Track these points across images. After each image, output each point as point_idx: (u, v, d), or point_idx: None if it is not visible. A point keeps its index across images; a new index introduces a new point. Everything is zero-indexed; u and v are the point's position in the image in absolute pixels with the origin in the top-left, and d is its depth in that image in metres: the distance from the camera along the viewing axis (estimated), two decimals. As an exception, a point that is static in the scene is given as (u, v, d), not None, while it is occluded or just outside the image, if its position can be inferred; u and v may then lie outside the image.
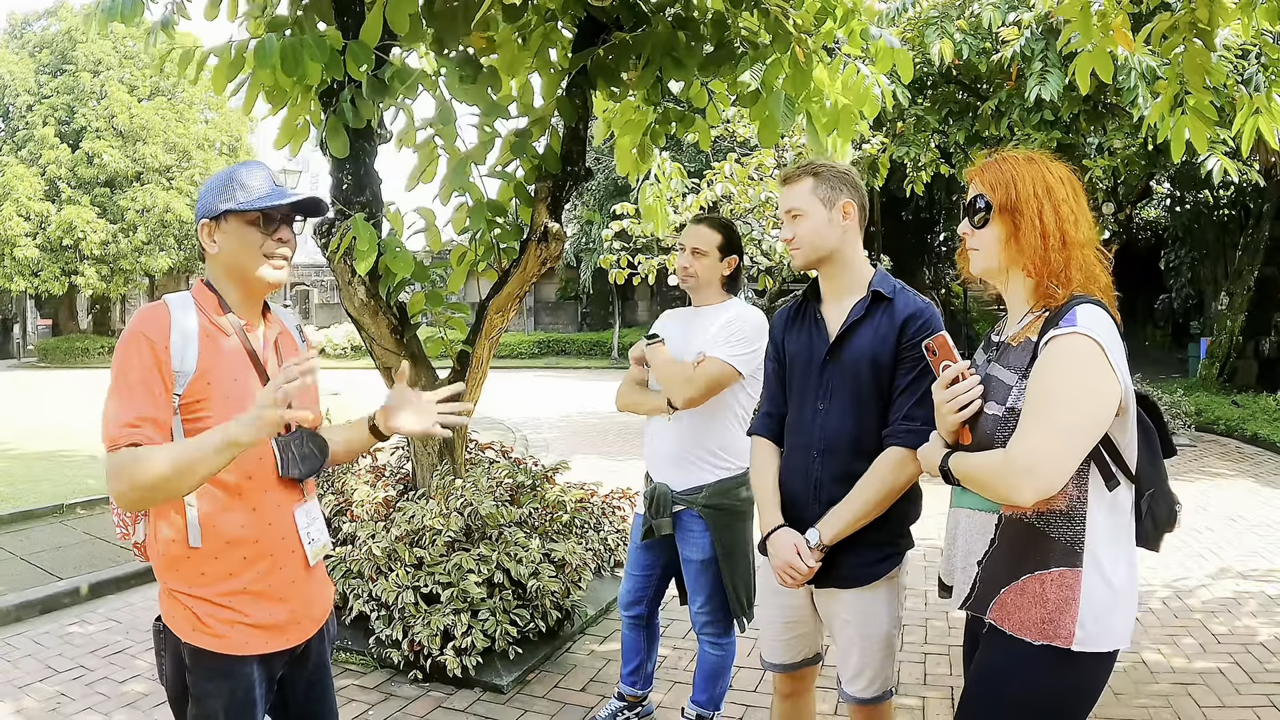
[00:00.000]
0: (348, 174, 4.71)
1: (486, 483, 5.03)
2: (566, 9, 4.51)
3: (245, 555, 2.24)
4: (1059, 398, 1.96)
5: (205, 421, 2.15)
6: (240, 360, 2.27)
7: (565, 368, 31.03)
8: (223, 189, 2.26)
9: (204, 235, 2.27)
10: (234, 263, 2.27)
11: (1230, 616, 5.56)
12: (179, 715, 2.28)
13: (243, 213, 2.24)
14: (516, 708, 4.34)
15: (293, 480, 2.33)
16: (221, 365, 2.22)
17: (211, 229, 2.26)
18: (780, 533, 2.79)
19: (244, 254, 2.26)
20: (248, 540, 2.23)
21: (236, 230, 2.25)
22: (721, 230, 3.78)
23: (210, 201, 2.26)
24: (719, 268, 3.77)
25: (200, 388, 2.16)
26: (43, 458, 11.03)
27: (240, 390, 2.23)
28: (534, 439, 13.49)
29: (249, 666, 2.24)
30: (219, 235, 2.26)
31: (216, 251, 2.27)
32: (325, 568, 2.55)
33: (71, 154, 32.49)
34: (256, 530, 2.25)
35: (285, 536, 2.31)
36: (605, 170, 26.42)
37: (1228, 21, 4.54)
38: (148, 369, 2.10)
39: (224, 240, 2.26)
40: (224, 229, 2.25)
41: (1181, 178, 19.14)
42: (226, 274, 2.30)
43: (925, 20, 10.95)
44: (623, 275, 12.51)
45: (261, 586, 2.26)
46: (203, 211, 2.27)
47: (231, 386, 2.22)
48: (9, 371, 31.53)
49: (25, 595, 5.83)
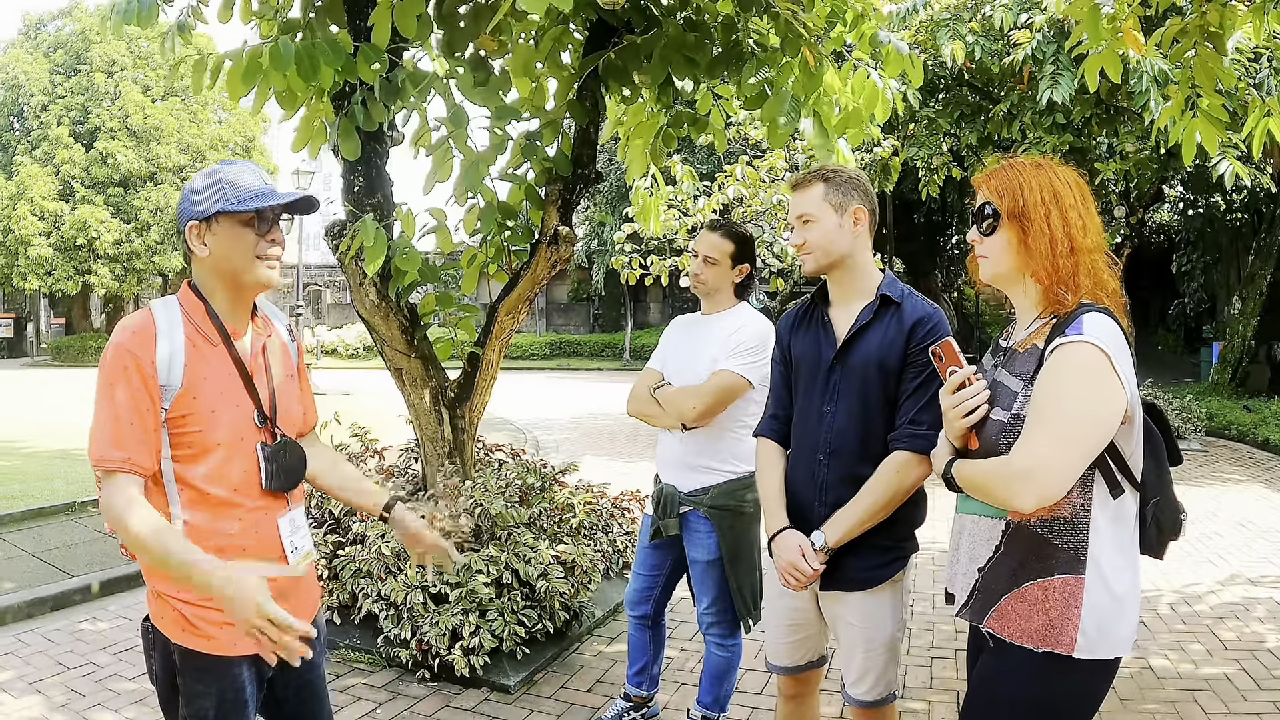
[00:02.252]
0: (359, 176, 4.73)
1: (496, 484, 5.05)
2: (578, 12, 4.53)
3: (227, 559, 2.17)
4: (1063, 406, 1.96)
5: (192, 435, 2.14)
6: (227, 370, 2.22)
7: (577, 369, 31.08)
8: (211, 189, 2.17)
9: (192, 238, 2.19)
10: (226, 266, 2.20)
11: (1239, 622, 5.54)
12: (169, 716, 2.27)
13: (235, 213, 2.16)
14: (523, 707, 4.36)
15: (276, 491, 2.29)
16: (208, 378, 2.18)
17: (201, 231, 2.18)
18: (785, 534, 2.79)
19: (237, 256, 2.19)
20: (234, 548, 2.19)
21: (229, 231, 2.18)
22: (734, 239, 3.79)
23: (198, 202, 2.18)
24: (730, 275, 3.80)
25: (186, 402, 2.13)
26: (55, 456, 11.07)
27: (227, 402, 2.20)
28: (545, 440, 13.50)
29: (239, 667, 2.22)
30: (209, 237, 2.18)
31: (206, 254, 2.19)
32: (315, 571, 2.51)
33: (85, 154, 32.62)
34: (243, 539, 2.22)
35: (270, 545, 2.28)
36: (617, 172, 26.44)
37: (1239, 25, 4.53)
38: (135, 388, 2.07)
39: (215, 242, 2.18)
40: (215, 231, 2.18)
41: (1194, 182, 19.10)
42: (217, 277, 2.23)
43: (937, 22, 10.93)
44: (635, 276, 12.53)
45: None
46: (190, 213, 2.18)
47: (218, 399, 2.18)
48: (23, 370, 31.67)
49: (37, 592, 5.86)
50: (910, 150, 12.91)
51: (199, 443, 2.15)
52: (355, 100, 4.30)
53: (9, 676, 4.73)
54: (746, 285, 3.88)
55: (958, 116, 12.94)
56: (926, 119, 12.77)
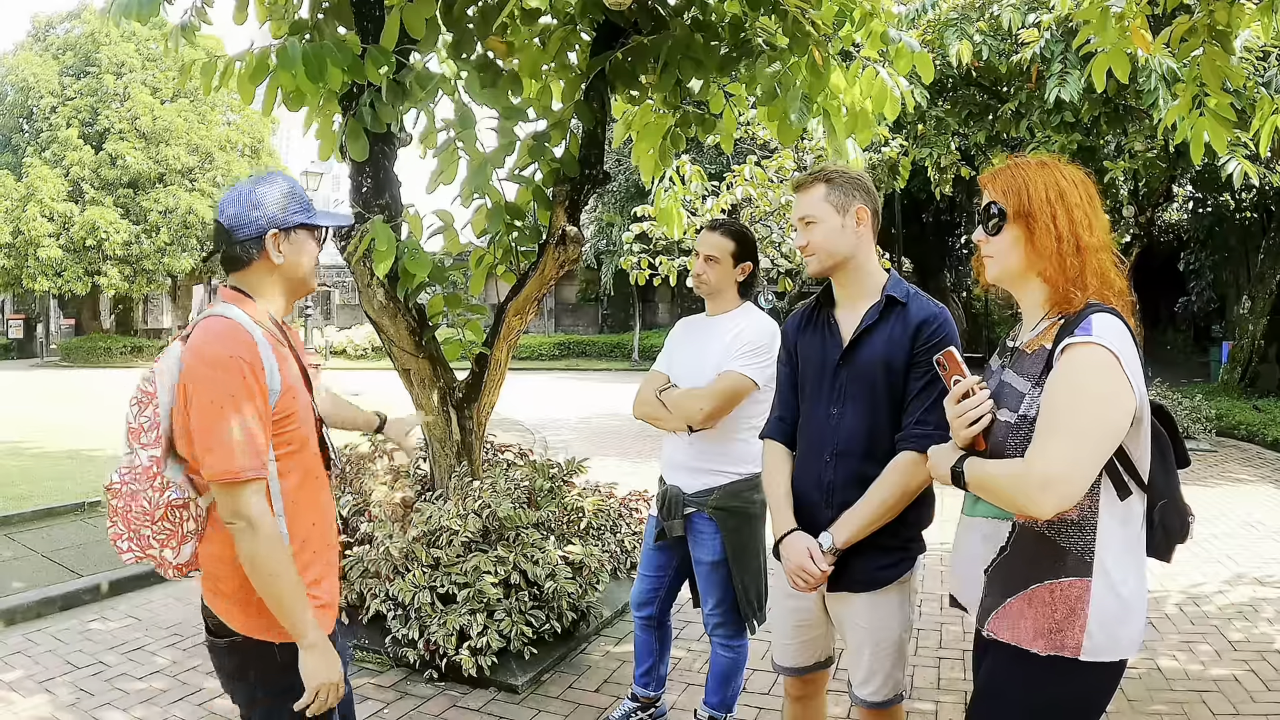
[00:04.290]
0: (367, 177, 4.74)
1: (504, 484, 5.05)
2: (585, 13, 4.53)
3: (322, 538, 2.36)
4: (1075, 409, 1.94)
5: (291, 432, 2.25)
6: (296, 367, 2.35)
7: (585, 369, 31.06)
8: (293, 201, 2.30)
9: (271, 246, 2.27)
10: (295, 274, 2.34)
11: (1247, 623, 5.53)
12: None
13: (313, 226, 2.34)
14: (531, 708, 4.36)
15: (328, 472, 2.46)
16: (294, 375, 2.30)
17: (279, 240, 2.28)
18: (793, 536, 2.79)
19: (305, 265, 2.35)
20: (318, 538, 2.34)
21: (303, 243, 2.33)
22: (734, 237, 3.79)
23: (280, 211, 2.28)
24: (732, 274, 3.80)
25: (288, 402, 2.23)
26: (65, 456, 11.12)
27: (303, 397, 2.33)
28: (553, 441, 13.50)
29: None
30: (285, 246, 2.29)
31: (281, 262, 2.30)
32: None
33: (95, 155, 32.69)
34: (324, 528, 2.38)
35: (332, 525, 2.44)
36: (625, 172, 26.47)
37: (1247, 24, 4.52)
38: (256, 398, 2.14)
39: (290, 251, 2.30)
40: (292, 240, 2.30)
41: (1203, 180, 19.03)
42: (282, 283, 2.34)
43: (945, 22, 10.94)
44: (644, 276, 12.53)
45: (324, 566, 2.37)
46: (273, 221, 2.27)
47: (304, 396, 2.32)
48: (33, 370, 31.78)
49: (47, 591, 5.88)
50: (920, 150, 12.89)
51: (297, 439, 2.27)
52: (363, 102, 4.31)
53: (18, 675, 4.75)
54: (750, 284, 3.88)
55: (966, 116, 12.94)
56: (935, 118, 12.77)
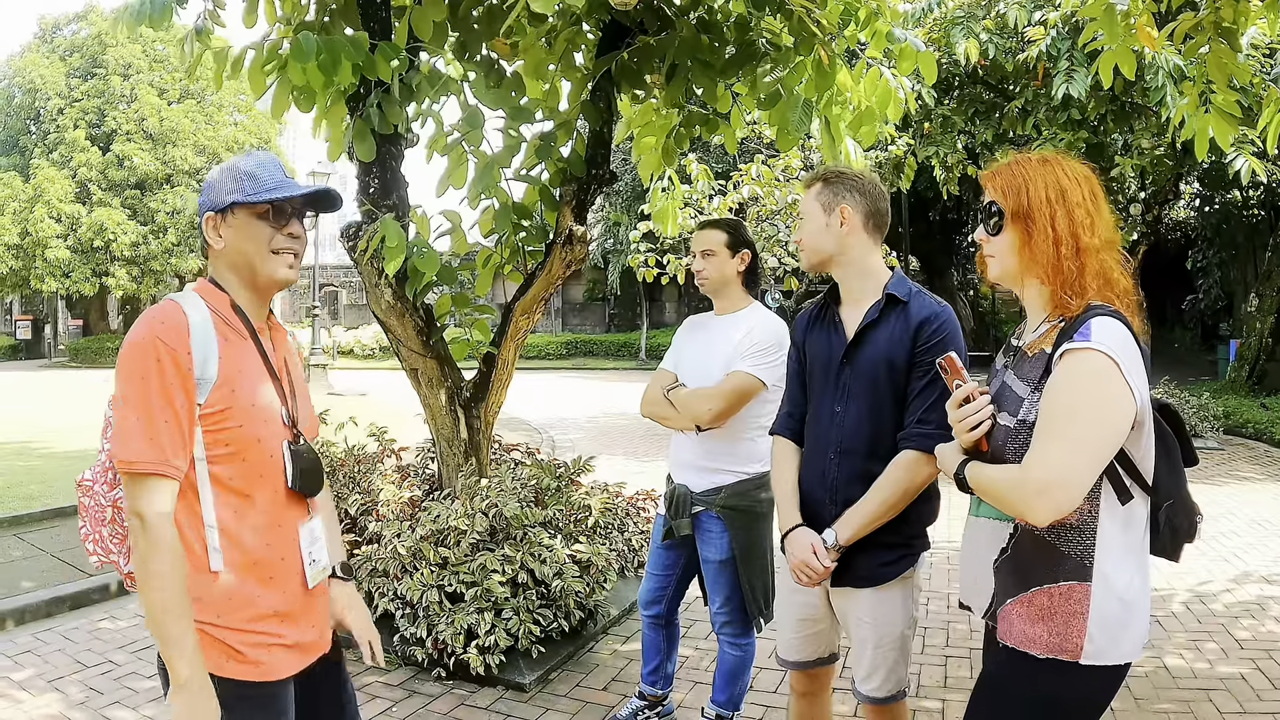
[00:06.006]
0: (374, 177, 4.75)
1: (512, 484, 5.06)
2: (591, 12, 4.54)
3: (285, 565, 2.13)
4: (1072, 416, 1.92)
5: (231, 431, 2.03)
6: (257, 365, 2.13)
7: (592, 369, 31.07)
8: (230, 180, 2.10)
9: (209, 230, 2.12)
10: (240, 260, 2.13)
11: (1254, 621, 5.52)
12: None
13: (251, 205, 2.09)
14: (538, 706, 4.38)
15: (299, 495, 2.19)
16: (243, 371, 2.08)
17: (216, 223, 2.11)
18: (798, 532, 2.81)
19: (251, 250, 2.11)
20: (261, 555, 2.09)
21: (244, 224, 2.10)
22: (725, 228, 3.83)
23: (216, 193, 2.11)
24: (731, 264, 3.81)
25: (224, 395, 2.02)
26: (73, 456, 11.15)
27: (261, 397, 2.10)
28: (561, 440, 13.52)
29: (286, 689, 2.13)
30: (224, 229, 2.11)
31: (222, 247, 2.12)
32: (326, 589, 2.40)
33: (102, 157, 32.82)
34: (271, 546, 2.12)
35: (290, 551, 2.16)
36: (632, 172, 26.40)
37: (1253, 20, 4.52)
38: (170, 383, 1.95)
39: (230, 235, 2.11)
40: (230, 223, 2.11)
41: (1210, 178, 18.95)
42: (233, 271, 2.14)
43: (951, 20, 10.93)
44: (650, 275, 12.53)
45: (288, 599, 2.13)
46: (208, 204, 2.11)
47: (256, 395, 2.09)
48: (41, 371, 31.89)
49: (56, 591, 5.91)
50: (927, 149, 12.88)
51: (238, 440, 2.04)
52: (370, 103, 4.33)
53: (28, 674, 4.77)
54: (754, 277, 3.89)
55: (972, 114, 12.91)
56: (941, 117, 12.75)
